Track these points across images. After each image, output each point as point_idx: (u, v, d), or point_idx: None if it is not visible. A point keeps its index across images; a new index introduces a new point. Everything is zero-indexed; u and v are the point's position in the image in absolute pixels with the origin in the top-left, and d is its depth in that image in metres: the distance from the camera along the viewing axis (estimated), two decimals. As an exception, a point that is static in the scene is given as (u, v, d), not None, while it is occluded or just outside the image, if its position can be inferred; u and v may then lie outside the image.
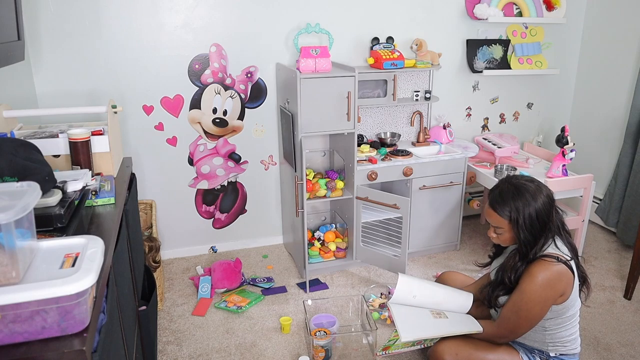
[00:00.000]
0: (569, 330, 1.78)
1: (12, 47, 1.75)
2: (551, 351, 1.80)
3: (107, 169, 1.80)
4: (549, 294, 1.66)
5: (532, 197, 1.70)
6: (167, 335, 2.45)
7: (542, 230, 1.71)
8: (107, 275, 1.17)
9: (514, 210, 1.71)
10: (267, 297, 2.75)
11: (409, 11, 3.18)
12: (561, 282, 1.66)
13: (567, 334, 1.78)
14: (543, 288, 1.65)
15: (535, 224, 1.70)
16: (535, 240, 1.71)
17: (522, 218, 1.70)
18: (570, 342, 1.80)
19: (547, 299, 1.66)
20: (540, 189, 1.73)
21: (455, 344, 1.81)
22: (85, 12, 2.63)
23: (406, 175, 2.92)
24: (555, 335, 1.77)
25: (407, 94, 3.26)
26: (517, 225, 1.71)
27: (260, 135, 3.14)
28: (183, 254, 3.23)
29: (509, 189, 1.75)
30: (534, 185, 1.74)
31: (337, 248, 3.01)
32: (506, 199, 1.74)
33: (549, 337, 1.78)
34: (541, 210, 1.70)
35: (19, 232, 0.95)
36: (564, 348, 1.80)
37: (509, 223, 1.74)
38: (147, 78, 2.82)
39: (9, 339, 0.88)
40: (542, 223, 1.70)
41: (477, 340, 1.85)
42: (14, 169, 1.23)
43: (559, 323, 1.76)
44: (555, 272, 1.65)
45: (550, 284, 1.65)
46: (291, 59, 3.03)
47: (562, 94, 3.79)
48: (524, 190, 1.72)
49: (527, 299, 1.67)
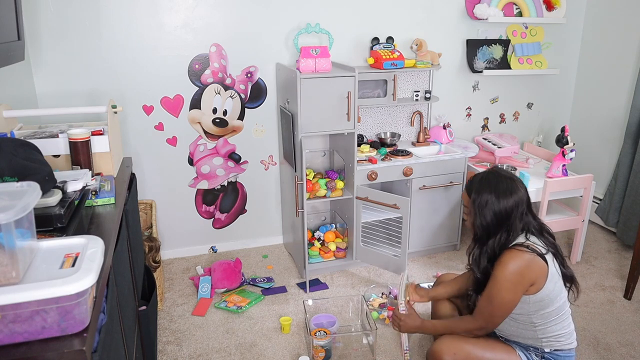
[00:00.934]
0: (559, 325, 1.79)
1: (12, 47, 1.75)
2: (545, 347, 1.81)
3: (107, 169, 1.80)
4: (519, 280, 1.69)
5: (496, 187, 1.76)
6: (167, 335, 2.45)
7: (498, 225, 1.75)
8: (107, 275, 1.17)
9: (475, 191, 1.79)
10: (267, 297, 2.75)
11: (409, 11, 3.18)
12: (531, 270, 1.69)
13: (558, 329, 1.79)
14: (512, 274, 1.69)
15: (490, 215, 1.75)
16: (489, 232, 1.77)
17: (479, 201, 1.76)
18: (564, 337, 1.81)
19: (517, 285, 1.70)
20: (509, 185, 1.76)
21: (453, 344, 1.82)
22: (85, 12, 2.63)
23: (406, 175, 2.92)
24: (545, 330, 1.79)
25: (407, 94, 3.26)
26: (475, 206, 1.78)
27: (260, 135, 3.14)
28: (183, 254, 3.23)
29: (484, 176, 1.83)
30: (510, 181, 1.78)
31: (337, 248, 3.01)
32: (475, 180, 1.83)
33: (540, 332, 1.79)
34: (500, 204, 1.74)
35: (19, 232, 0.95)
36: (557, 343, 1.80)
37: (470, 203, 1.81)
38: (147, 78, 2.82)
39: (9, 339, 0.88)
40: (499, 219, 1.75)
41: (475, 339, 1.86)
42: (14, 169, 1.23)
43: (545, 317, 1.77)
44: (525, 260, 1.69)
45: (519, 271, 1.69)
46: (291, 59, 3.03)
47: (562, 94, 3.79)
48: (492, 178, 1.79)
49: (499, 286, 1.72)
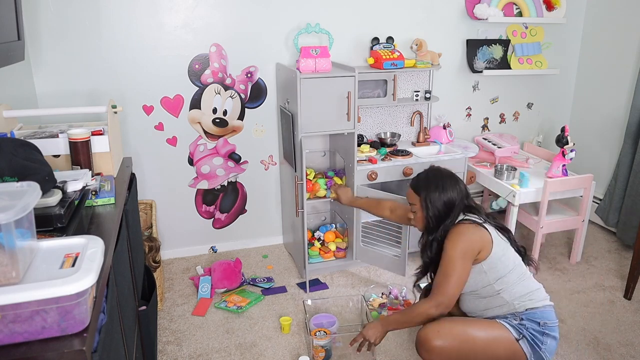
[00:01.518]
0: (521, 284, 1.89)
1: (12, 47, 1.75)
2: (519, 308, 1.87)
3: (107, 169, 1.80)
4: (466, 247, 1.84)
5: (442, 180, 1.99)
6: (167, 335, 2.45)
7: (447, 213, 1.96)
8: (107, 275, 1.17)
9: (424, 188, 2.00)
10: (267, 297, 2.75)
11: (409, 11, 3.18)
12: (475, 237, 1.86)
13: (522, 289, 1.88)
14: (460, 243, 1.85)
15: (440, 205, 1.96)
16: (440, 220, 1.96)
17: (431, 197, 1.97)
18: (532, 294, 1.88)
19: (466, 253, 1.84)
20: (451, 179, 2.00)
21: (436, 325, 1.85)
22: (85, 12, 2.63)
23: (406, 175, 2.92)
24: (511, 293, 1.87)
25: (407, 94, 3.26)
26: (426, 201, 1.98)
27: (260, 135, 3.14)
28: (183, 254, 3.23)
29: (428, 175, 2.04)
30: (450, 176, 2.02)
31: (337, 248, 3.01)
32: (421, 179, 2.04)
33: (507, 296, 1.87)
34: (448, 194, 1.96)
35: (19, 232, 0.95)
36: (529, 302, 1.87)
37: (420, 199, 2.00)
38: (147, 78, 2.82)
39: (9, 339, 0.88)
40: (448, 208, 1.96)
41: (457, 318, 1.95)
42: (14, 169, 1.23)
43: (504, 281, 1.87)
44: (469, 230, 1.87)
45: (465, 239, 1.86)
46: (291, 59, 3.03)
47: (562, 94, 3.79)
48: (437, 174, 2.03)
49: (449, 257, 1.86)
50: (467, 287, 1.92)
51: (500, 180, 3.02)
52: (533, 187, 2.89)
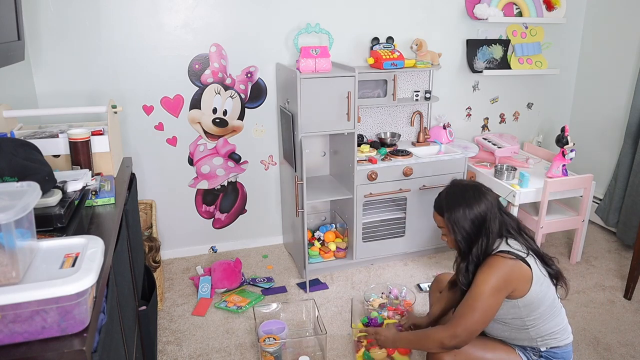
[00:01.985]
0: (552, 322, 1.78)
1: (12, 47, 1.75)
2: (541, 346, 1.80)
3: (107, 169, 1.80)
4: (500, 286, 1.68)
5: (464, 197, 1.78)
6: (167, 335, 2.45)
7: (478, 232, 1.76)
8: (107, 275, 1.17)
9: (447, 209, 1.80)
10: (267, 297, 2.75)
11: (409, 11, 3.18)
12: (512, 276, 1.68)
13: (551, 327, 1.78)
14: (495, 280, 1.67)
15: (468, 224, 1.76)
16: (471, 241, 1.77)
17: (455, 216, 1.77)
18: (558, 333, 1.80)
19: (499, 291, 1.68)
20: (476, 191, 1.79)
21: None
22: (85, 12, 2.63)
23: (406, 175, 2.92)
24: (539, 330, 1.77)
25: (407, 94, 3.26)
26: (451, 222, 1.79)
27: (260, 135, 3.14)
28: (183, 254, 3.23)
29: (448, 192, 1.85)
30: (474, 188, 1.81)
31: (337, 248, 3.01)
32: (441, 198, 1.85)
33: (534, 333, 1.78)
34: (474, 210, 1.75)
35: (19, 232, 0.95)
36: (554, 341, 1.80)
37: (445, 221, 1.82)
38: (147, 78, 2.82)
39: (9, 339, 0.88)
40: (477, 225, 1.76)
41: (475, 340, 1.84)
42: (14, 169, 1.23)
43: (536, 318, 1.76)
44: (508, 266, 1.68)
45: (501, 277, 1.68)
46: (291, 59, 3.03)
47: (562, 94, 3.79)
48: (457, 191, 1.82)
49: (478, 291, 1.69)
50: (497, 317, 1.80)
51: (500, 180, 3.02)
52: (533, 187, 2.89)
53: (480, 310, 1.68)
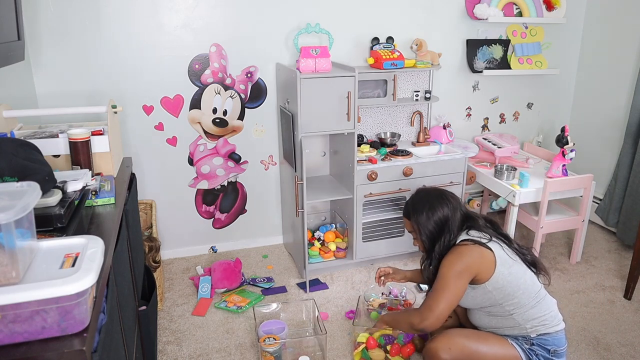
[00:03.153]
0: (536, 308, 1.84)
1: (12, 47, 1.75)
2: (531, 333, 1.84)
3: (107, 169, 1.80)
4: (462, 268, 1.80)
5: (428, 201, 1.97)
6: (167, 335, 2.45)
7: (440, 231, 1.92)
8: (107, 275, 1.17)
9: (412, 212, 1.99)
10: (267, 297, 2.75)
11: (409, 11, 3.18)
12: (472, 258, 1.81)
13: (536, 313, 1.84)
14: (455, 264, 1.81)
15: (431, 225, 1.93)
16: (434, 239, 1.94)
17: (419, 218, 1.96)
18: (546, 319, 1.84)
19: (461, 273, 1.80)
20: (441, 198, 1.97)
21: (447, 339, 1.84)
22: (85, 12, 2.63)
23: (406, 175, 2.92)
24: (524, 316, 1.83)
25: (407, 94, 3.26)
26: (417, 224, 1.97)
27: (260, 135, 3.14)
28: (183, 254, 3.23)
29: (414, 198, 2.04)
30: (437, 193, 2.00)
31: (337, 248, 3.01)
32: (408, 204, 2.04)
33: (520, 319, 1.84)
34: (437, 213, 1.93)
35: (19, 232, 0.95)
36: (542, 327, 1.84)
37: (412, 224, 2.00)
38: (147, 78, 2.82)
39: (9, 339, 0.88)
40: (439, 225, 1.93)
41: (469, 332, 1.92)
42: (14, 169, 1.23)
43: (517, 304, 1.83)
44: (467, 251, 1.82)
45: (461, 259, 1.81)
46: (291, 59, 3.03)
47: (562, 94, 3.79)
48: (423, 196, 2.01)
49: (442, 275, 1.83)
50: (473, 304, 1.91)
51: (500, 180, 3.02)
52: (533, 187, 2.89)
53: (446, 295, 1.81)
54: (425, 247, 1.99)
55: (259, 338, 2.23)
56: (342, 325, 2.52)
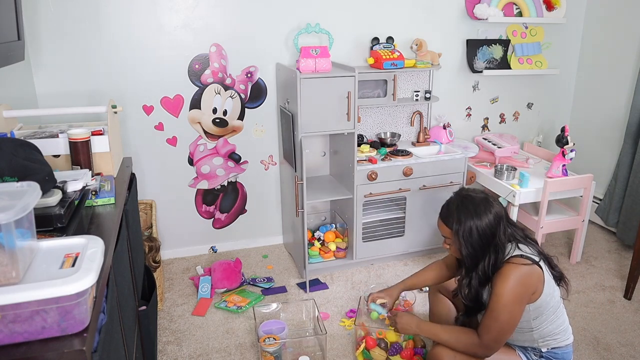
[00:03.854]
0: (555, 323, 1.79)
1: (12, 47, 1.75)
2: (542, 347, 1.81)
3: (107, 169, 1.80)
4: (523, 292, 1.67)
5: (475, 211, 1.73)
6: (167, 335, 2.45)
7: (485, 248, 1.73)
8: (107, 275, 1.17)
9: (456, 221, 1.75)
10: (267, 297, 2.75)
11: (409, 11, 3.18)
12: (532, 279, 1.68)
13: (553, 328, 1.79)
14: (516, 286, 1.66)
15: (475, 237, 1.73)
16: (477, 257, 1.74)
17: (463, 230, 1.74)
18: (559, 334, 1.81)
19: (523, 297, 1.68)
20: (487, 205, 1.75)
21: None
22: (85, 12, 2.63)
23: (406, 175, 2.92)
24: (542, 332, 1.78)
25: (407, 94, 3.26)
26: (459, 237, 1.75)
27: (260, 135, 3.14)
28: (183, 254, 3.23)
29: (455, 201, 1.80)
30: (481, 199, 1.77)
31: (337, 248, 3.01)
32: (451, 210, 1.79)
33: (537, 334, 1.79)
34: (484, 225, 1.72)
35: (19, 232, 0.95)
36: (554, 342, 1.81)
37: (452, 233, 1.78)
38: (147, 78, 2.82)
39: (9, 339, 0.88)
40: (484, 237, 1.72)
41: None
42: (14, 169, 1.23)
43: (542, 320, 1.76)
44: (526, 270, 1.67)
45: (521, 282, 1.67)
46: (291, 59, 3.03)
47: (562, 94, 3.79)
48: (468, 203, 1.76)
49: (504, 302, 1.67)
50: None
51: (500, 180, 3.02)
52: (533, 187, 2.89)
53: (505, 321, 1.68)
54: (464, 263, 1.80)
55: (259, 338, 2.23)
56: (342, 325, 2.52)
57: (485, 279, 1.75)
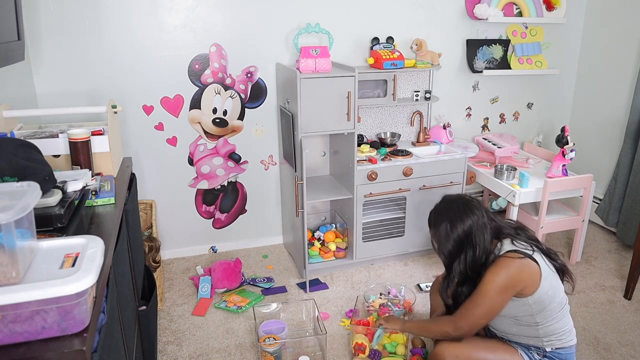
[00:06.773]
0: (561, 322, 1.80)
1: (12, 47, 1.76)
2: (547, 346, 1.81)
3: (107, 169, 1.80)
4: (509, 283, 1.72)
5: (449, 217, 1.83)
6: (167, 335, 2.45)
7: (459, 247, 1.81)
8: (107, 275, 1.17)
9: (435, 225, 1.89)
10: (267, 297, 2.75)
11: (409, 11, 3.18)
12: (523, 273, 1.72)
13: (559, 327, 1.80)
14: (503, 279, 1.72)
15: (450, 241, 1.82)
16: (452, 257, 1.84)
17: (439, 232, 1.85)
18: (564, 334, 1.81)
19: (507, 289, 1.72)
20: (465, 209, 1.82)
21: (455, 347, 1.82)
22: (85, 12, 2.63)
23: (406, 175, 2.92)
24: (547, 329, 1.79)
25: (407, 94, 3.26)
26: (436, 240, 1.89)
27: (260, 135, 3.14)
28: (183, 254, 3.23)
29: (439, 206, 1.93)
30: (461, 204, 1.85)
31: (337, 248, 3.01)
32: (431, 214, 1.94)
33: (542, 331, 1.79)
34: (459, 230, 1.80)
35: (19, 232, 0.95)
36: (558, 342, 1.81)
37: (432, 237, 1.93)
38: (147, 78, 2.82)
39: (9, 339, 0.88)
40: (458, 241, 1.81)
41: (477, 341, 1.87)
42: (14, 169, 1.23)
43: (547, 316, 1.77)
44: (518, 264, 1.72)
45: (511, 275, 1.72)
46: (291, 59, 3.03)
47: (562, 94, 3.79)
48: (449, 208, 1.87)
49: (486, 289, 1.74)
50: (508, 313, 1.81)
51: (500, 180, 3.02)
52: (533, 187, 2.89)
53: (485, 308, 1.75)
54: (443, 263, 1.91)
55: (259, 338, 2.23)
56: (342, 325, 2.52)
57: (463, 278, 1.82)
